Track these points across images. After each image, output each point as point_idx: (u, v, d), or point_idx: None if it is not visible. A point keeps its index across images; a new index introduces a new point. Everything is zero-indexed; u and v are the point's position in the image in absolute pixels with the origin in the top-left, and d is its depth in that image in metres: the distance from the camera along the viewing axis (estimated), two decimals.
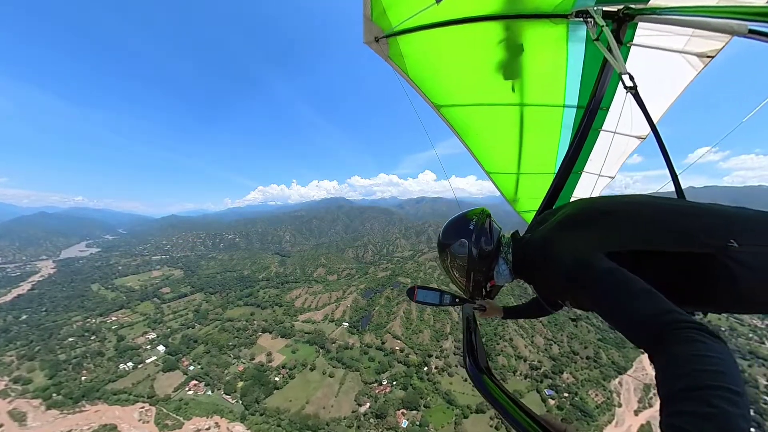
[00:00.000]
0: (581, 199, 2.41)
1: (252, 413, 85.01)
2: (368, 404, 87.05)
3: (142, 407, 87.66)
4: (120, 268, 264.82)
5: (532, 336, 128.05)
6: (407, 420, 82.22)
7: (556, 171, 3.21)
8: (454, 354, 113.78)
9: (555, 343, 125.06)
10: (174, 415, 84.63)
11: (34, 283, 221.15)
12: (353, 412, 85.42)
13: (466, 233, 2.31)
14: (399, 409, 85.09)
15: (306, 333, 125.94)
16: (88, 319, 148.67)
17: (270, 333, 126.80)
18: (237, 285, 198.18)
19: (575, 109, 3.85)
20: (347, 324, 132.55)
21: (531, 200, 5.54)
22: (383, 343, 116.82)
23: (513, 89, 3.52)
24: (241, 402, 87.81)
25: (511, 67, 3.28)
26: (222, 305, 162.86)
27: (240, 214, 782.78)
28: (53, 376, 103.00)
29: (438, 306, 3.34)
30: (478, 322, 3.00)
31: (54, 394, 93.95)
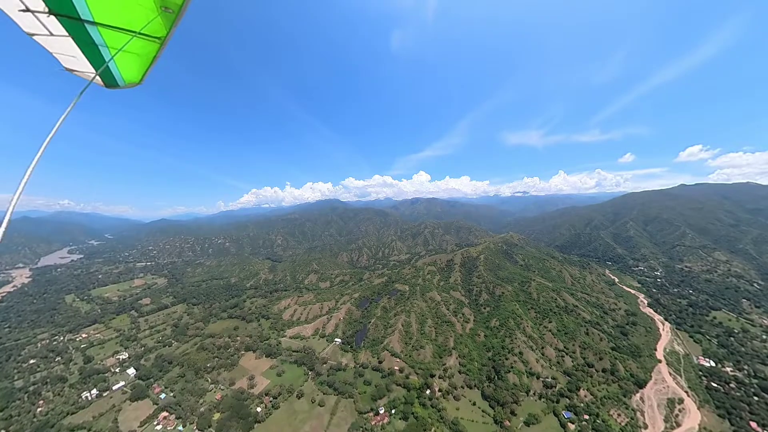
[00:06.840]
0: None
1: None
2: None
3: None
4: (100, 276, 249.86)
5: (543, 347, 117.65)
6: None
7: None
8: (460, 372, 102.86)
9: (567, 354, 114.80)
10: None
11: (3, 294, 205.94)
12: None
13: None
14: None
15: (294, 351, 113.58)
16: (56, 337, 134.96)
17: (254, 351, 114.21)
18: (222, 294, 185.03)
19: None
20: (340, 340, 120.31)
21: None
22: (380, 362, 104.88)
23: None
24: None
25: None
26: (204, 318, 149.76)
27: (232, 218, 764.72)
28: (4, 407, 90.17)
29: None
30: None
31: (2, 431, 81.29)
